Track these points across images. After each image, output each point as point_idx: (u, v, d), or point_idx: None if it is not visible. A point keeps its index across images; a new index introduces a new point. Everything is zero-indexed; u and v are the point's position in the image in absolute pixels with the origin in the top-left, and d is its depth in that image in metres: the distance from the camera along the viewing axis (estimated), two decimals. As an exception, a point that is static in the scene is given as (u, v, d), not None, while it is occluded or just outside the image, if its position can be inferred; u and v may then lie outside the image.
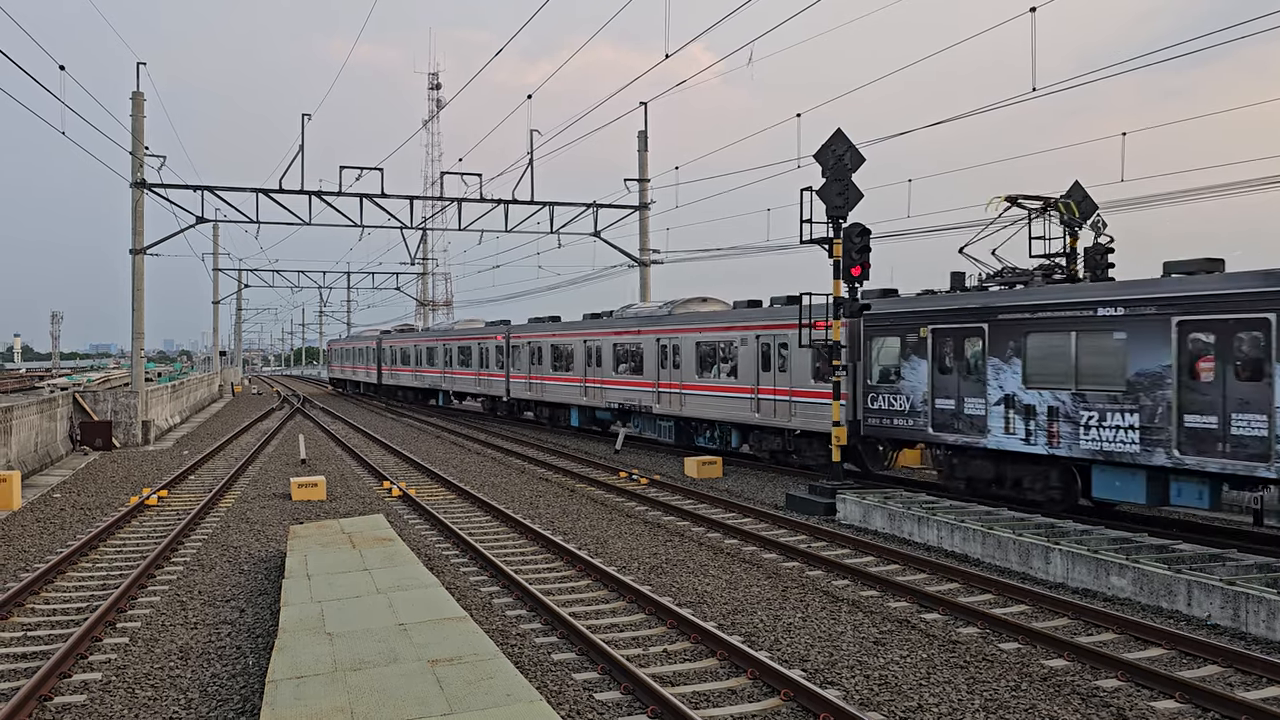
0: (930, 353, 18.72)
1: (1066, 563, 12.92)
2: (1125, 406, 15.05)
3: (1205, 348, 14.10)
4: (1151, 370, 14.66)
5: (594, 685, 9.16)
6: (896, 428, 19.57)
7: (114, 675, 9.53)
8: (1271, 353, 13.05)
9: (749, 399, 24.53)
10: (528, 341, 38.68)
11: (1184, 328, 14.32)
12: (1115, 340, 15.24)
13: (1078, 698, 8.79)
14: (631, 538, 16.48)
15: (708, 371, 26.44)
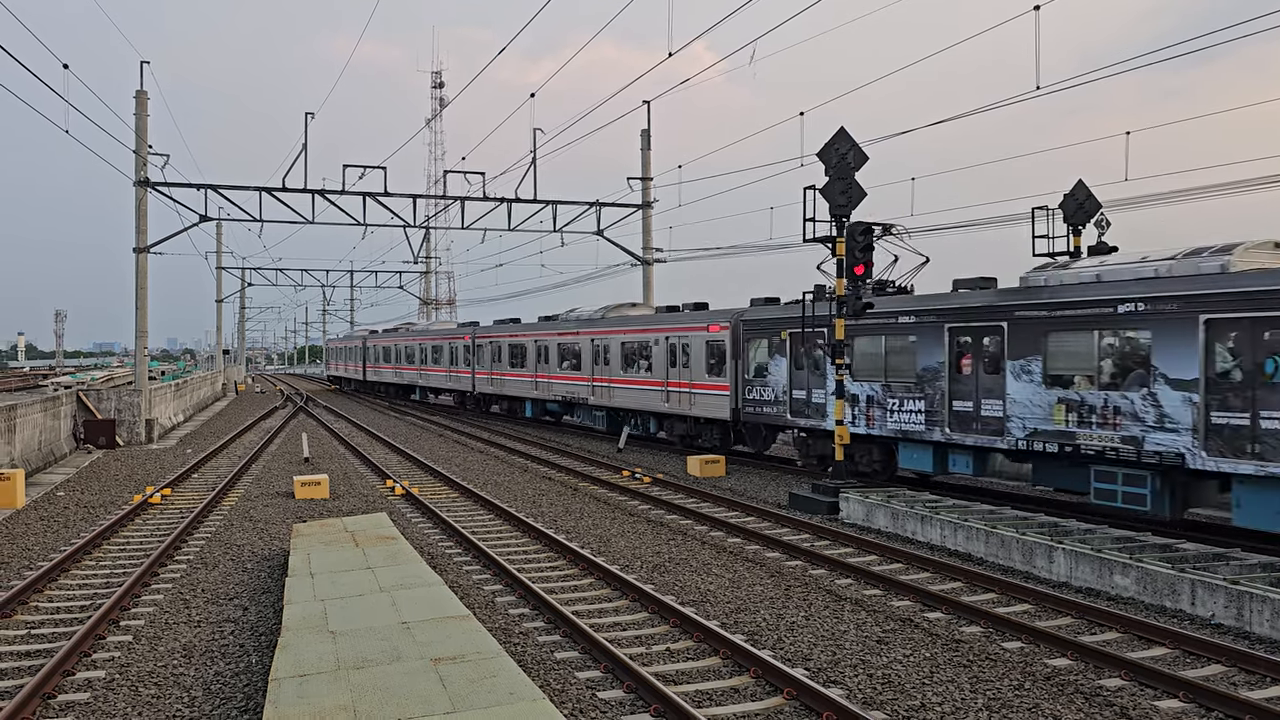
0: (789, 352, 22.73)
1: (1070, 562, 12.91)
2: (916, 395, 19.04)
3: (966, 348, 18.04)
4: (932, 366, 18.64)
5: (597, 684, 9.16)
6: (766, 414, 23.76)
7: (117, 673, 9.54)
8: (1005, 352, 17.18)
9: (660, 391, 28.60)
10: (490, 341, 42.64)
11: (953, 333, 18.28)
12: (909, 342, 19.22)
13: (1081, 697, 8.78)
14: (634, 536, 16.48)
15: (631, 368, 30.40)
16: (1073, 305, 16.15)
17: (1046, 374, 16.49)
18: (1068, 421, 16.04)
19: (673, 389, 27.83)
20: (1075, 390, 16.06)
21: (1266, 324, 13.30)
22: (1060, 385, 16.30)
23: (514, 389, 40.25)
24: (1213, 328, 13.98)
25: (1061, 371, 16.36)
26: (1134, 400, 15.03)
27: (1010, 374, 17.05)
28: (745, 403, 24.38)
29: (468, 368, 45.77)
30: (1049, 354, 16.50)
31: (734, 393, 24.74)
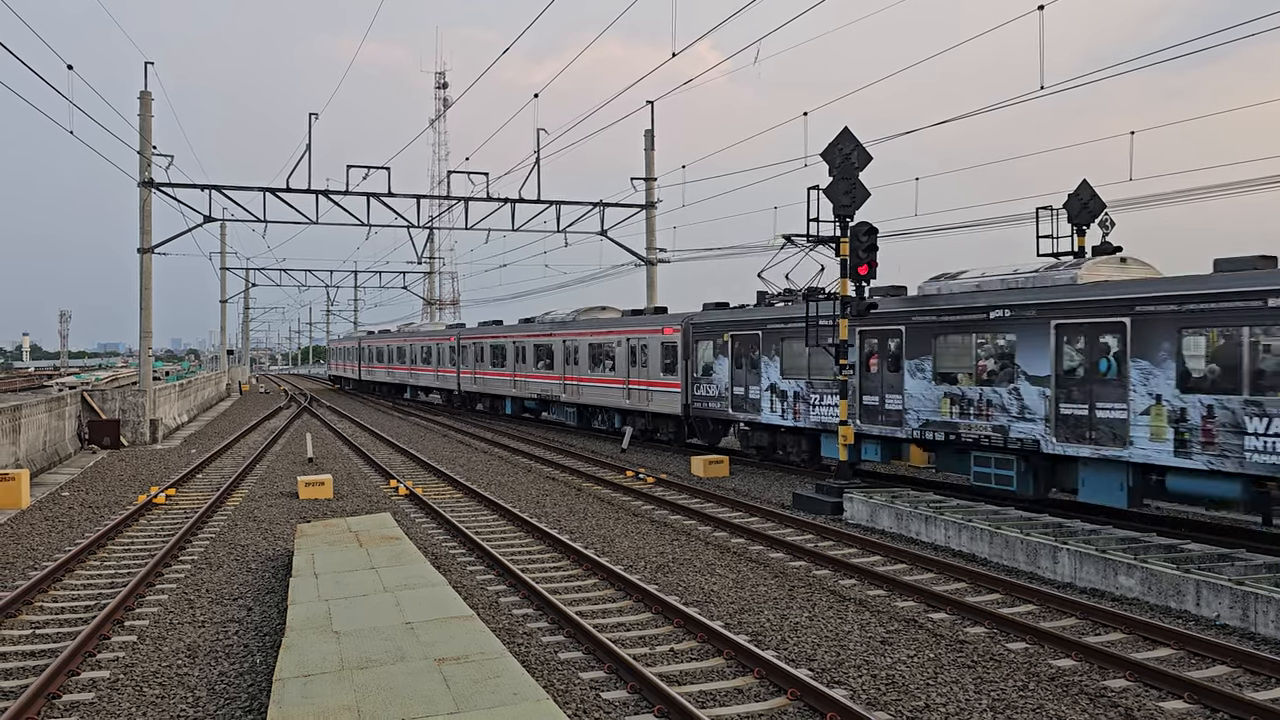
0: (731, 353, 25.09)
1: (1074, 562, 12.89)
2: (833, 391, 21.22)
3: (873, 349, 20.34)
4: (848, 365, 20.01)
5: (601, 684, 9.16)
6: (711, 409, 26.21)
7: (122, 673, 9.56)
8: (903, 353, 19.37)
9: (623, 389, 31.06)
10: (473, 342, 45.36)
11: (862, 336, 20.45)
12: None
13: (1086, 698, 8.76)
14: (638, 536, 16.47)
15: (598, 368, 32.75)
16: (956, 312, 18.47)
17: (936, 372, 18.85)
18: (952, 413, 18.46)
19: (633, 387, 30.46)
20: (958, 386, 18.45)
21: (1099, 328, 15.72)
22: (947, 381, 18.69)
23: (495, 387, 42.84)
24: (1062, 331, 16.27)
25: (948, 370, 18.74)
26: (1002, 395, 17.37)
27: (907, 372, 19.42)
28: (694, 399, 27.00)
29: (453, 367, 48.36)
30: (938, 354, 18.86)
31: (685, 390, 27.44)
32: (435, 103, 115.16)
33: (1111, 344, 15.60)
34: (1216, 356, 14.38)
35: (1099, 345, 15.77)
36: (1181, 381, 14.57)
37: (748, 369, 24.45)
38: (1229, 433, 13.83)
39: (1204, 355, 14.69)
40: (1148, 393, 14.98)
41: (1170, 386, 14.65)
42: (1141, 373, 15.09)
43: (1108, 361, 15.70)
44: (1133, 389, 15.16)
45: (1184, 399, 14.46)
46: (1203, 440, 14.20)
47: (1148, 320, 15.01)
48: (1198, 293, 14.43)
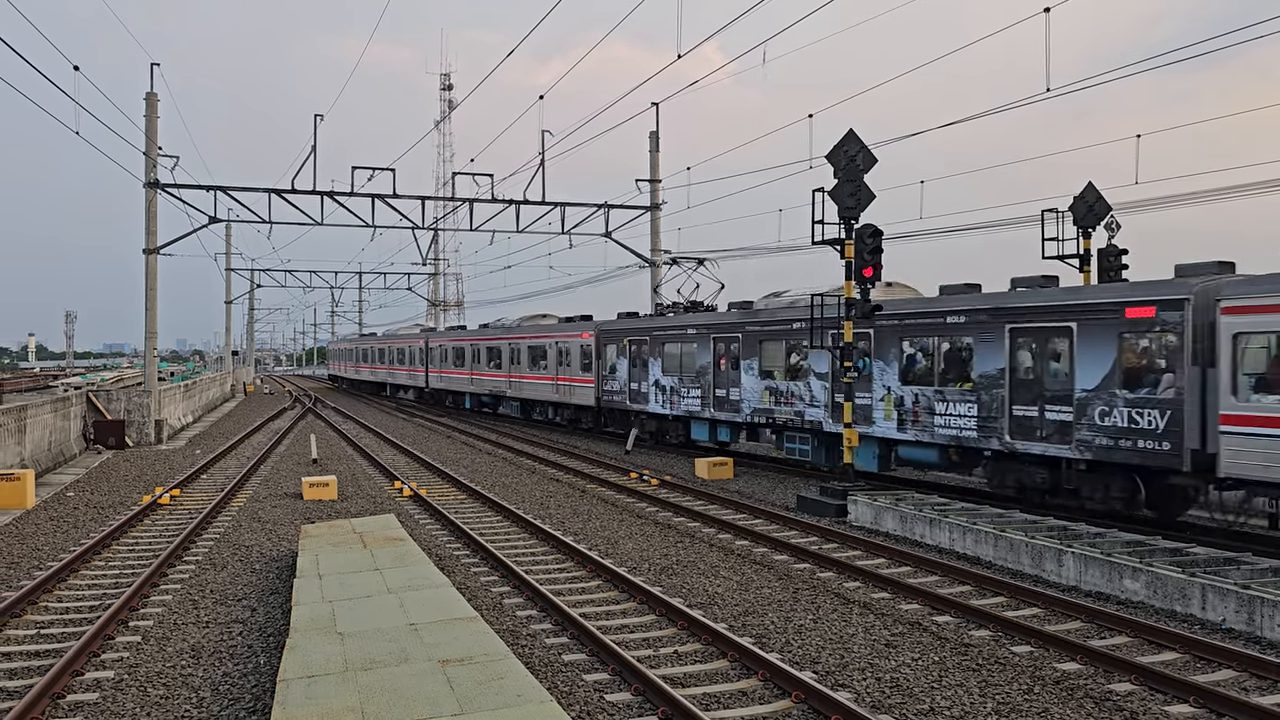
0: (628, 354, 30.41)
1: (1079, 565, 12.86)
2: (696, 386, 26.72)
3: (722, 352, 25.63)
4: (706, 364, 26.22)
5: (605, 686, 9.15)
6: (615, 401, 31.62)
7: (126, 673, 9.56)
8: (741, 354, 24.59)
9: (552, 384, 36.44)
10: (440, 345, 51.37)
11: (715, 340, 25.87)
12: (694, 348, 26.83)
13: (1091, 701, 8.74)
14: (642, 539, 16.46)
15: (535, 367, 38.08)
16: (773, 324, 23.64)
17: (760, 370, 24.05)
18: (770, 402, 23.63)
19: (560, 383, 35.84)
20: (774, 381, 23.53)
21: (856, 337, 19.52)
22: (768, 377, 23.76)
23: (456, 385, 48.81)
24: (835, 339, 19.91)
25: (767, 369, 23.87)
26: (800, 388, 22.59)
27: (743, 370, 24.64)
28: (604, 393, 32.32)
29: (423, 367, 54.48)
30: (761, 356, 24.07)
31: (597, 385, 32.82)
32: (440, 104, 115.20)
33: (863, 347, 20.51)
34: (919, 358, 19.55)
35: (857, 349, 20.01)
36: (902, 377, 19.77)
37: (640, 367, 29.84)
38: (927, 414, 19.05)
39: (913, 357, 19.75)
40: (883, 385, 20.20)
41: (896, 381, 19.88)
42: (880, 370, 20.26)
43: (864, 361, 20.48)
44: (875, 382, 20.34)
45: (903, 390, 19.67)
46: (913, 420, 19.38)
47: (883, 330, 20.11)
48: (912, 311, 19.59)
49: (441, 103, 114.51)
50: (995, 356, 17.63)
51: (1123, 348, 15.57)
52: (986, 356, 17.81)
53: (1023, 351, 17.28)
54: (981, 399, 17.80)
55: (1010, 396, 17.28)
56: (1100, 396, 15.77)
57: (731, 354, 25.25)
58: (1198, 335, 14.53)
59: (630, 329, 30.50)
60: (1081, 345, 16.03)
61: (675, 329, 27.87)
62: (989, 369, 17.73)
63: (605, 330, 32.31)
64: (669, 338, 28.15)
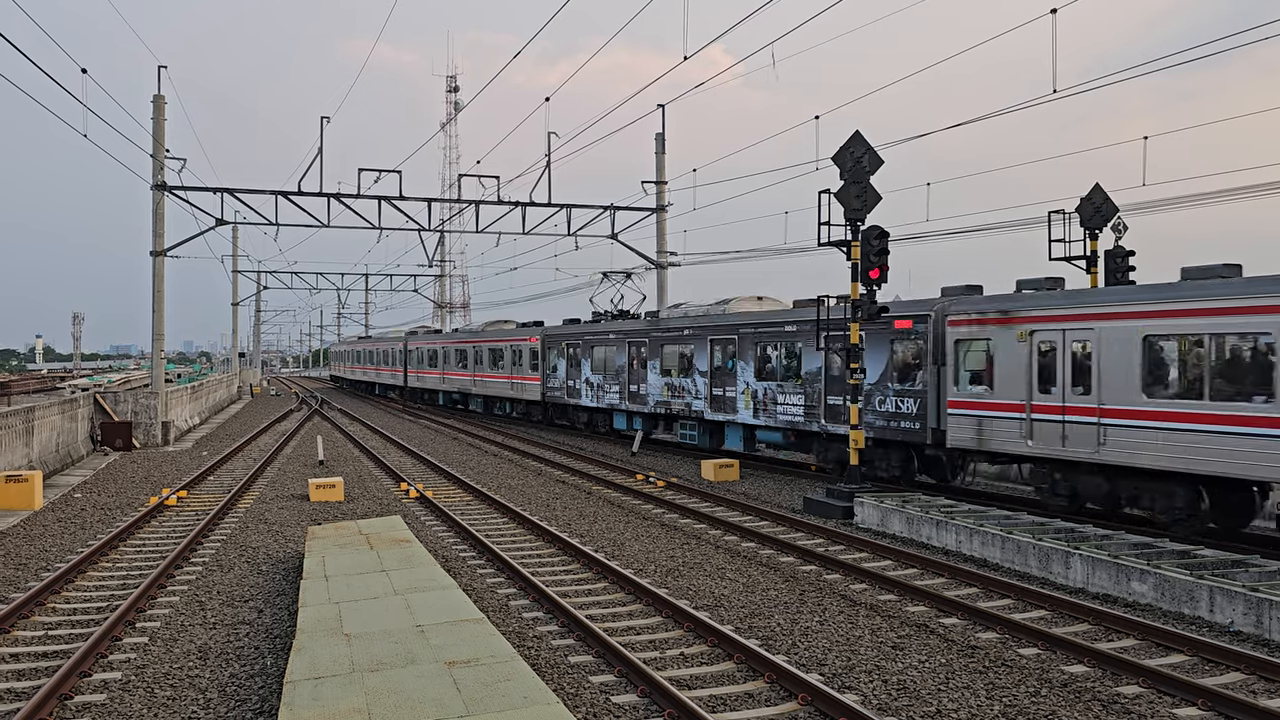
0: (566, 356, 35.78)
1: (1087, 568, 12.82)
2: (617, 382, 31.84)
3: (634, 354, 30.68)
4: (622, 364, 31.44)
5: (611, 688, 9.15)
6: (555, 396, 37.06)
7: (133, 674, 9.58)
8: (648, 356, 29.83)
9: (508, 382, 42.19)
10: (417, 347, 56.94)
11: (629, 345, 31.01)
12: (614, 350, 32.17)
13: (1098, 704, 8.72)
14: (648, 540, 16.46)
15: (495, 367, 43.83)
16: (671, 330, 28.76)
17: (661, 369, 29.18)
18: (668, 396, 28.81)
19: (514, 381, 41.64)
20: (671, 378, 28.57)
21: (727, 341, 25.81)
22: (667, 375, 28.84)
23: (430, 384, 54.10)
24: (714, 343, 26.51)
25: (667, 368, 28.95)
26: (688, 384, 27.68)
27: (649, 369, 29.79)
28: (548, 389, 37.86)
29: (402, 368, 60.07)
30: (662, 357, 29.23)
31: (541, 383, 38.28)
32: (446, 106, 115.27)
33: (731, 350, 25.67)
34: (767, 359, 24.36)
35: (727, 351, 25.88)
36: (757, 375, 24.54)
37: (575, 367, 35.09)
38: (773, 404, 23.90)
39: (763, 358, 24.45)
40: (744, 381, 25.04)
41: (753, 377, 24.69)
42: (741, 369, 25.12)
43: (731, 361, 25.62)
44: (739, 379, 25.27)
45: (757, 385, 24.53)
46: (764, 409, 24.27)
47: (744, 337, 25.10)
48: (763, 321, 24.45)
49: (448, 105, 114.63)
50: (816, 358, 22.34)
51: (892, 351, 20.31)
52: (810, 358, 22.60)
53: (833, 355, 21.54)
54: (807, 392, 22.72)
55: (825, 390, 22.13)
56: (880, 389, 20.53)
57: (641, 356, 30.46)
58: (936, 342, 19.19)
59: (567, 334, 35.79)
60: (869, 349, 20.35)
61: (601, 334, 33.11)
62: (812, 368, 22.59)
63: (549, 335, 37.70)
64: (596, 342, 33.48)
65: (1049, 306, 16.82)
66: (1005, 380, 17.39)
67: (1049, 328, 16.67)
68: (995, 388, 17.60)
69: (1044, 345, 16.81)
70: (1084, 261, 20.13)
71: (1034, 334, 16.96)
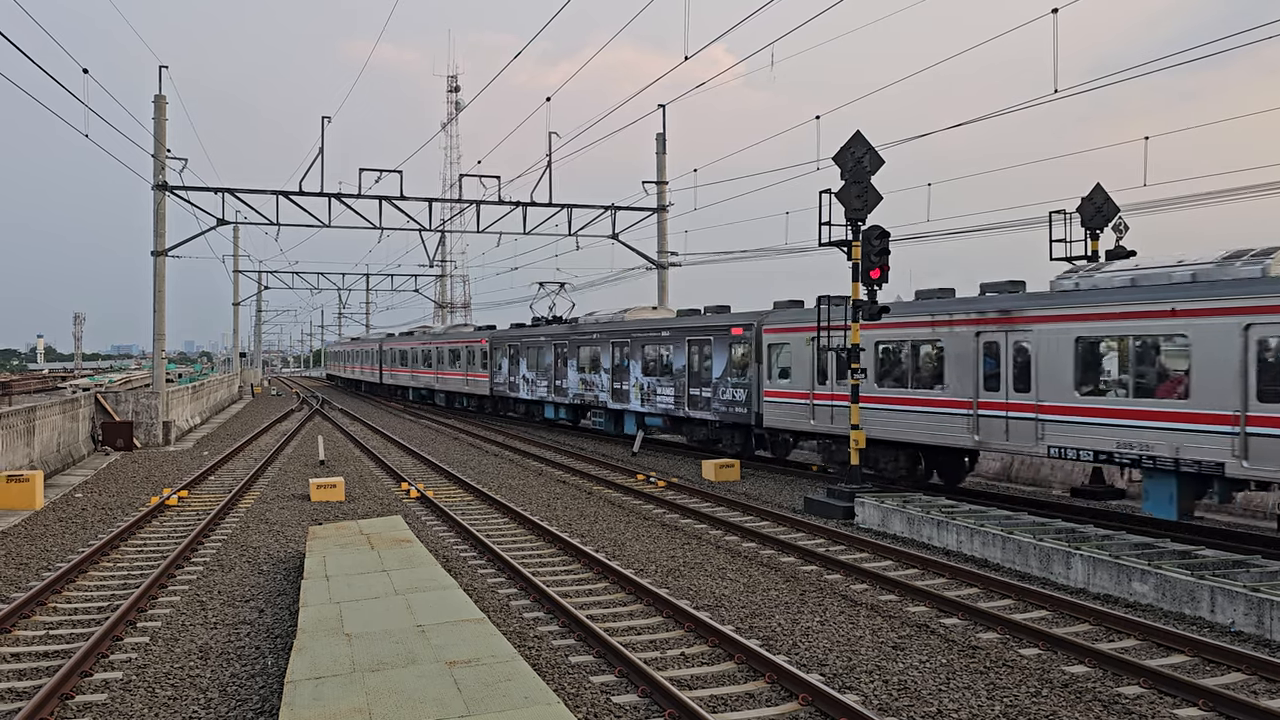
0: (509, 355, 41.79)
1: (1088, 568, 12.82)
2: (546, 378, 37.25)
3: (558, 354, 36.30)
4: (549, 363, 36.97)
5: (612, 688, 9.15)
6: (501, 391, 42.95)
7: (134, 674, 9.59)
8: (567, 355, 35.29)
9: (463, 379, 48.43)
10: (390, 348, 63.71)
11: (553, 347, 36.74)
12: (544, 350, 37.54)
13: (1099, 704, 8.71)
14: (649, 540, 16.46)
15: (453, 365, 50.07)
16: (584, 334, 34.10)
17: (578, 367, 34.57)
18: (583, 389, 34.23)
19: (469, 378, 47.58)
20: (585, 375, 33.86)
21: (623, 344, 31.29)
22: (582, 372, 34.03)
23: (402, 381, 60.78)
24: (614, 346, 31.95)
25: (582, 366, 34.24)
26: (597, 379, 33.04)
27: (570, 367, 35.46)
28: (494, 385, 43.81)
29: (379, 365, 66.63)
30: (578, 357, 34.67)
31: (489, 380, 44.40)
32: (447, 106, 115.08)
33: (626, 352, 31.08)
34: (649, 358, 30.05)
35: (623, 352, 31.36)
36: (643, 372, 30.23)
37: (515, 365, 41.15)
38: (654, 395, 29.54)
39: (646, 358, 30.20)
40: (634, 377, 30.75)
41: (640, 374, 30.37)
42: (633, 366, 30.90)
43: (625, 361, 31.20)
44: (631, 376, 30.96)
45: (644, 379, 30.14)
46: (649, 399, 29.87)
47: (635, 340, 30.86)
48: (646, 328, 30.27)
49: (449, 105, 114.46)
50: (680, 357, 28.29)
51: (730, 352, 25.94)
52: (678, 357, 28.44)
53: (693, 354, 27.68)
54: (676, 385, 28.40)
55: (688, 383, 27.84)
56: (723, 382, 26.28)
57: (563, 356, 36.06)
58: (757, 346, 24.77)
59: (510, 337, 41.78)
60: (716, 350, 26.57)
61: (534, 338, 38.79)
62: (679, 365, 28.32)
63: (495, 338, 43.77)
64: (530, 344, 39.29)
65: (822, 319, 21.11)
66: (798, 375, 23.08)
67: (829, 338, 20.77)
68: (792, 380, 23.21)
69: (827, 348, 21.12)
70: (1085, 261, 20.11)
71: (814, 340, 21.93)
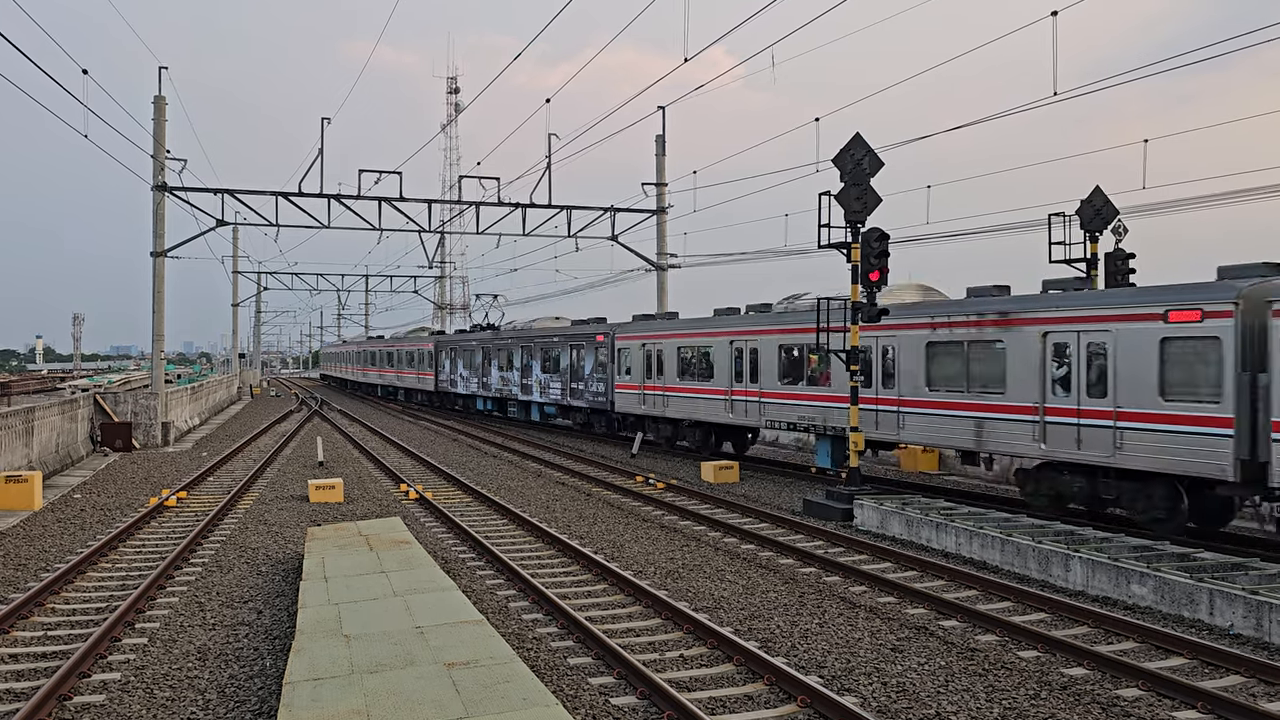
0: (450, 356, 49.77)
1: (1086, 570, 12.82)
2: (477, 377, 45.30)
3: (486, 355, 44.46)
4: (479, 363, 45.21)
5: (610, 690, 9.14)
6: (445, 387, 50.81)
7: (133, 675, 9.58)
8: (492, 357, 43.73)
9: (416, 377, 57.16)
10: (361, 350, 74.83)
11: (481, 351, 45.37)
12: (476, 352, 45.50)
13: (1098, 707, 8.71)
14: (648, 542, 16.45)
15: (409, 366, 58.96)
16: (504, 339, 41.47)
17: (499, 367, 41.79)
18: (502, 385, 41.49)
19: (419, 375, 56.41)
20: (504, 373, 41.19)
21: (529, 348, 38.95)
22: (502, 370, 41.46)
23: (373, 380, 69.73)
24: (522, 349, 39.34)
25: (502, 365, 41.60)
26: (511, 376, 40.49)
27: (493, 367, 42.92)
28: (439, 382, 52.21)
29: (359, 366, 75.48)
30: (499, 359, 41.89)
31: (435, 377, 53.04)
32: (447, 107, 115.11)
33: (530, 353, 38.62)
34: (546, 359, 36.85)
35: (529, 354, 38.67)
36: (541, 369, 37.28)
37: (454, 365, 49.38)
38: (549, 388, 36.43)
39: (544, 359, 37.07)
40: (536, 374, 37.97)
41: (539, 371, 37.42)
42: (536, 365, 37.92)
43: (531, 361, 38.50)
44: (534, 373, 38.27)
45: (542, 376, 37.17)
46: (545, 392, 37.00)
47: (535, 344, 38.04)
48: (547, 334, 37.14)
49: (448, 106, 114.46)
50: (565, 358, 35.65)
51: (597, 354, 33.12)
52: (564, 358, 35.80)
53: (573, 356, 35.00)
54: (562, 380, 35.82)
55: (570, 378, 35.11)
56: (592, 377, 33.50)
57: (489, 357, 43.86)
58: (614, 350, 31.89)
59: (451, 341, 50.66)
60: (588, 353, 33.91)
61: (468, 342, 47.12)
62: (564, 365, 35.62)
63: (439, 342, 52.64)
64: (465, 347, 47.55)
65: (651, 330, 29.90)
66: (636, 372, 30.39)
67: (651, 343, 29.65)
68: (632, 376, 30.60)
69: (654, 352, 29.52)
70: (1084, 264, 20.13)
71: (644, 346, 30.02)
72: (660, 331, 29.10)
